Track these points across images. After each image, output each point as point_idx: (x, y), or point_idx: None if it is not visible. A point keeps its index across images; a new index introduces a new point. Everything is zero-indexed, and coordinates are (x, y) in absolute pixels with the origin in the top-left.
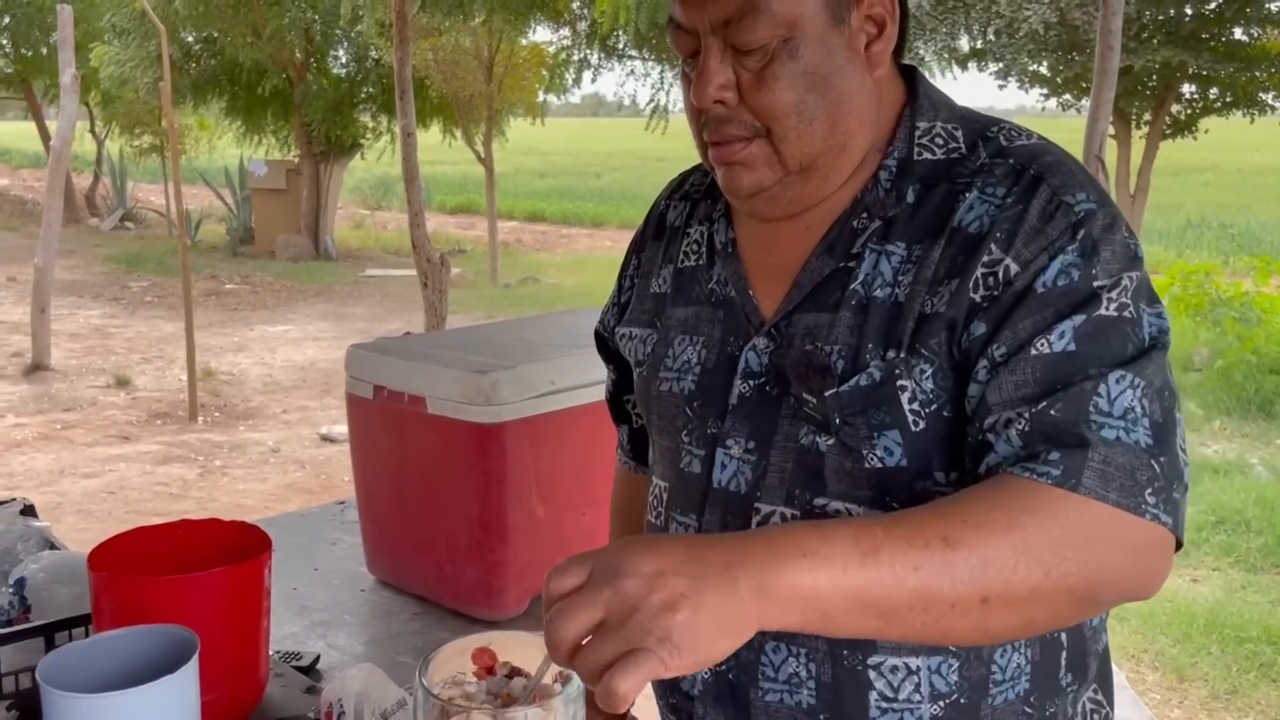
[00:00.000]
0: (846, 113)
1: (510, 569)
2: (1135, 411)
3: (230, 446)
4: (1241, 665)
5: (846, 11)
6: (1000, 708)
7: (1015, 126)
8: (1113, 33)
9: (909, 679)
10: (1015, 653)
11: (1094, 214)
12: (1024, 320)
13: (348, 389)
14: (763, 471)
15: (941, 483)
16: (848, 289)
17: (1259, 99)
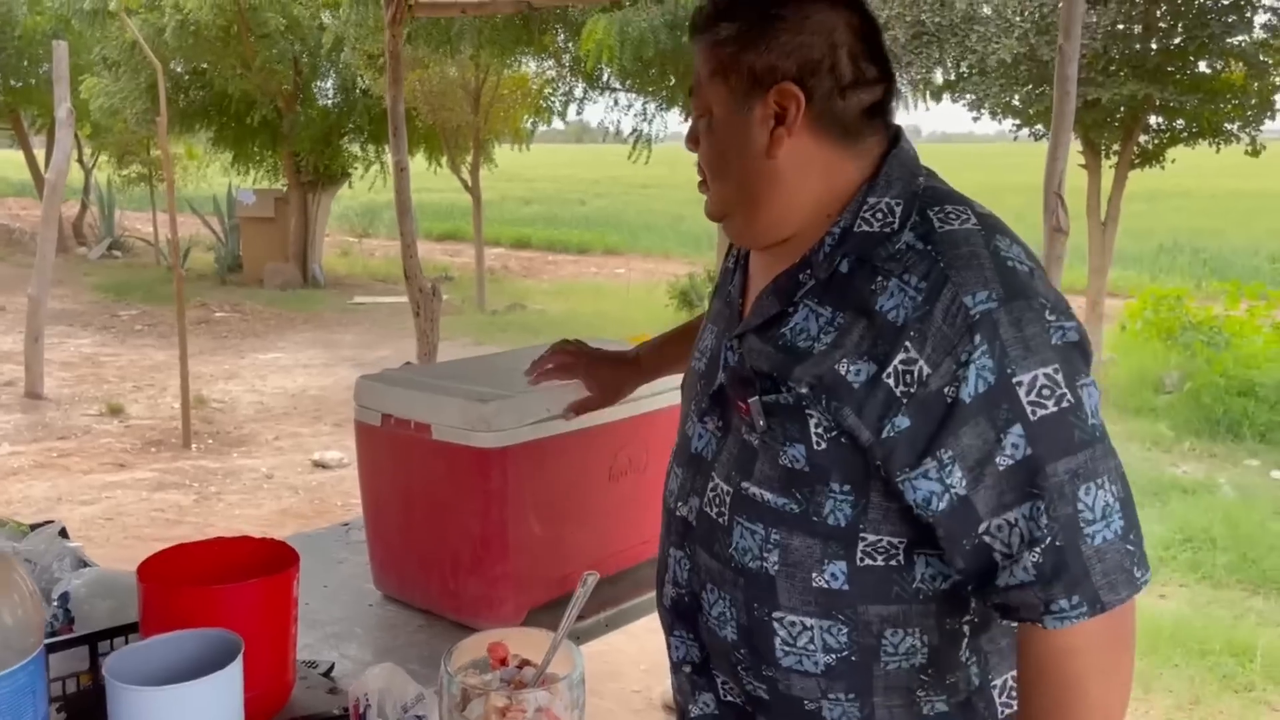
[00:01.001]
0: (749, 183)
1: (510, 582)
2: (1111, 505)
3: (224, 473)
4: (1204, 677)
5: (747, 103)
6: (894, 672)
7: (957, 209)
8: (1069, 78)
9: (805, 633)
10: (909, 636)
11: (992, 313)
12: (963, 431)
13: (356, 417)
14: (720, 449)
15: (836, 491)
16: (780, 331)
17: (1223, 129)
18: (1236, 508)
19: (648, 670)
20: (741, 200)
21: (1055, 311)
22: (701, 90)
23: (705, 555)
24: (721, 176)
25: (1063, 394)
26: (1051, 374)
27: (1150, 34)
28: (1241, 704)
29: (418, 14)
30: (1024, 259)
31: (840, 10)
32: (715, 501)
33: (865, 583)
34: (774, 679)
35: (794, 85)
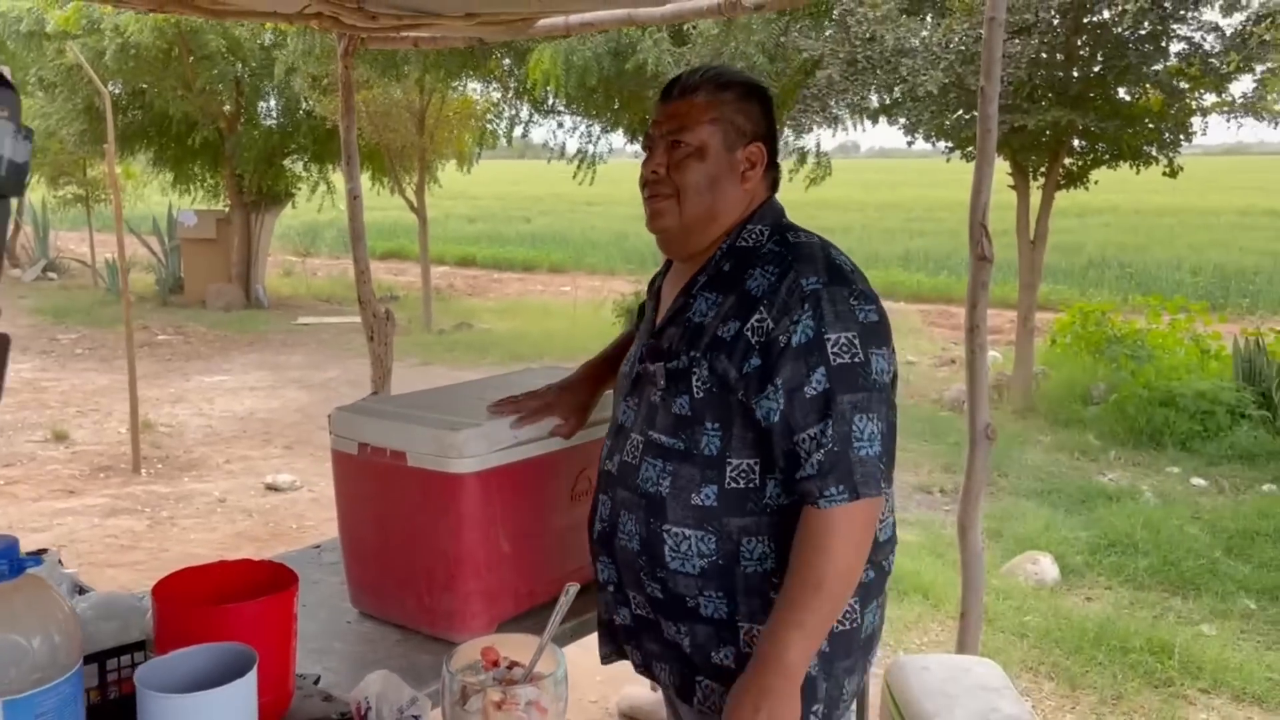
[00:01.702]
0: (721, 202)
1: (481, 598)
2: (874, 434)
3: (176, 497)
4: (1127, 674)
5: (734, 149)
6: (751, 575)
7: (806, 232)
8: (990, 116)
9: (685, 541)
10: (760, 544)
11: (819, 291)
12: (788, 368)
13: (333, 446)
14: (636, 416)
15: (709, 428)
16: (686, 316)
17: (1142, 151)
18: (1158, 513)
19: (604, 681)
20: (707, 215)
21: (862, 299)
22: (697, 128)
23: (622, 491)
24: (700, 193)
25: (856, 353)
26: (851, 338)
27: (1072, 63)
28: (1161, 699)
29: (371, 47)
30: (849, 264)
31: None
32: (631, 450)
33: (730, 501)
34: (665, 580)
35: (762, 144)
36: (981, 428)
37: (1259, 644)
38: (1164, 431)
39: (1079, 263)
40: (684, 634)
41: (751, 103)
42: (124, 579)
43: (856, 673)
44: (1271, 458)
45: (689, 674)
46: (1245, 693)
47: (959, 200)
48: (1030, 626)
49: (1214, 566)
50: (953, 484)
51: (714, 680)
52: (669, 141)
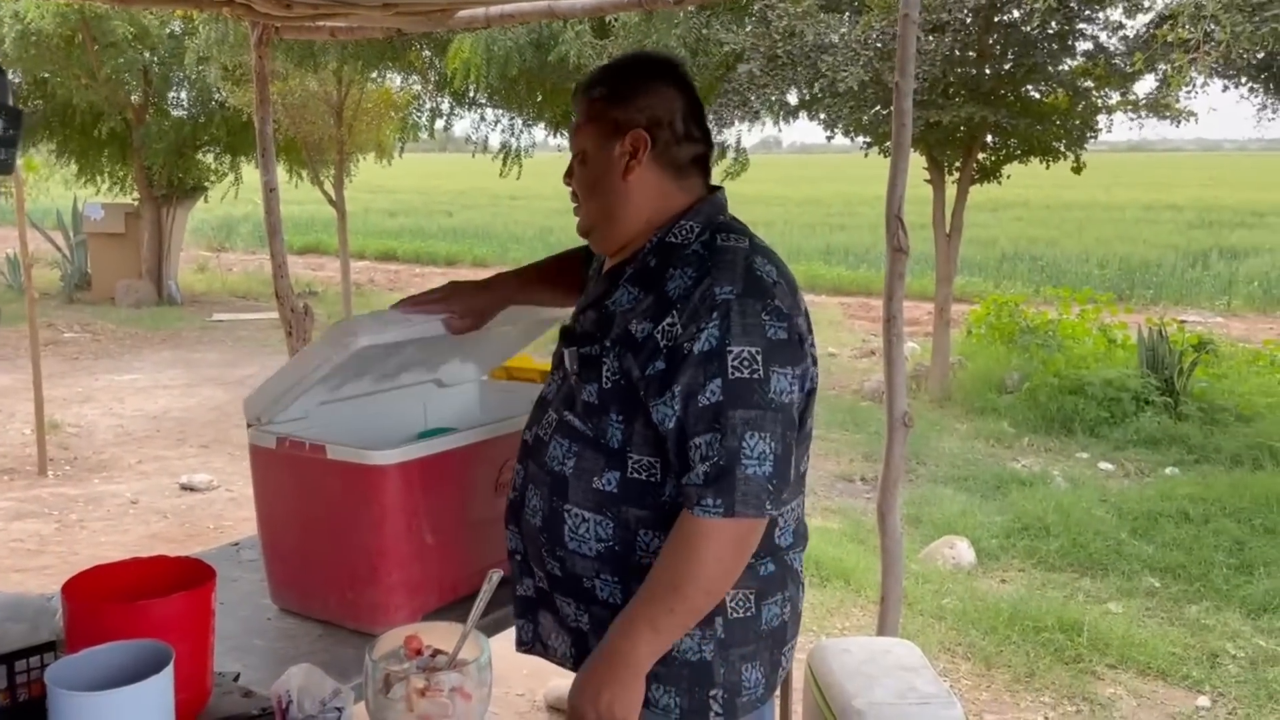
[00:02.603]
0: (613, 202)
1: (404, 591)
2: (766, 454)
3: (86, 500)
4: (1039, 652)
5: (609, 144)
6: (646, 566)
7: (738, 235)
8: (905, 111)
9: (584, 523)
10: (656, 539)
11: (731, 301)
12: (687, 375)
13: (251, 440)
14: (558, 392)
15: (614, 419)
16: (605, 304)
17: (1051, 147)
18: (1068, 497)
19: (530, 674)
20: (603, 215)
21: (775, 315)
22: (579, 133)
23: (534, 466)
24: (590, 197)
25: (756, 369)
26: (754, 353)
27: (984, 60)
28: (1071, 674)
29: (285, 36)
30: (773, 275)
31: (678, 90)
32: (546, 426)
33: (630, 490)
34: (563, 559)
35: (644, 132)
36: (899, 415)
37: (1162, 620)
38: (1074, 418)
39: (993, 256)
40: (581, 613)
41: (630, 93)
42: (31, 584)
43: (760, 663)
44: (1173, 442)
45: (585, 652)
46: (1150, 667)
47: (878, 195)
48: (948, 609)
49: (1120, 547)
50: (873, 472)
51: None
52: (572, 150)
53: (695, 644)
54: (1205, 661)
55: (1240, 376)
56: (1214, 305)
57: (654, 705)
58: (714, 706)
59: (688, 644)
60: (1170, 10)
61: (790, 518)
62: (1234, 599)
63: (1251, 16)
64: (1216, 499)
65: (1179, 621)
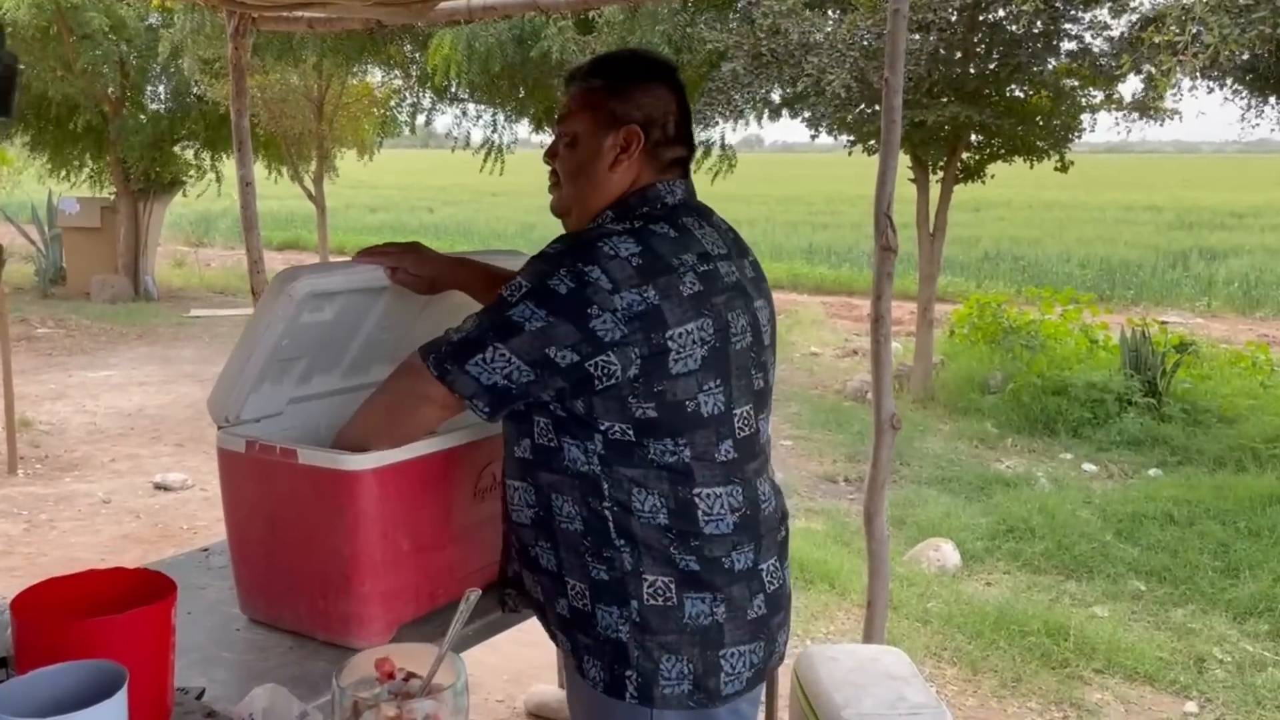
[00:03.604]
0: (591, 190)
1: (379, 601)
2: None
3: (57, 499)
4: (1025, 657)
5: (605, 134)
6: (566, 531)
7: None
8: (894, 109)
9: (515, 491)
10: (567, 503)
11: (535, 263)
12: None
13: (219, 443)
14: None
15: None
16: None
17: (1035, 146)
18: (1052, 499)
19: (510, 680)
20: (579, 200)
21: (571, 272)
22: (571, 118)
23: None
24: (571, 182)
25: (513, 293)
26: (521, 284)
27: (968, 59)
28: (1058, 680)
29: (263, 28)
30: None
31: (672, 93)
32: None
33: (539, 455)
34: (514, 530)
35: (639, 129)
36: (886, 417)
37: (1148, 624)
38: (1057, 419)
39: (975, 255)
40: (535, 584)
41: (629, 89)
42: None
43: (687, 660)
44: (1156, 443)
45: (546, 623)
46: (1137, 672)
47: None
48: (933, 613)
49: (1105, 549)
50: (856, 473)
51: (560, 631)
52: (559, 131)
53: (614, 622)
54: (1192, 666)
55: (1223, 378)
56: (1194, 306)
57: (585, 675)
58: (629, 688)
59: (607, 620)
60: (1156, 11)
61: (719, 504)
62: (1220, 602)
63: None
64: (1200, 501)
65: (1165, 625)
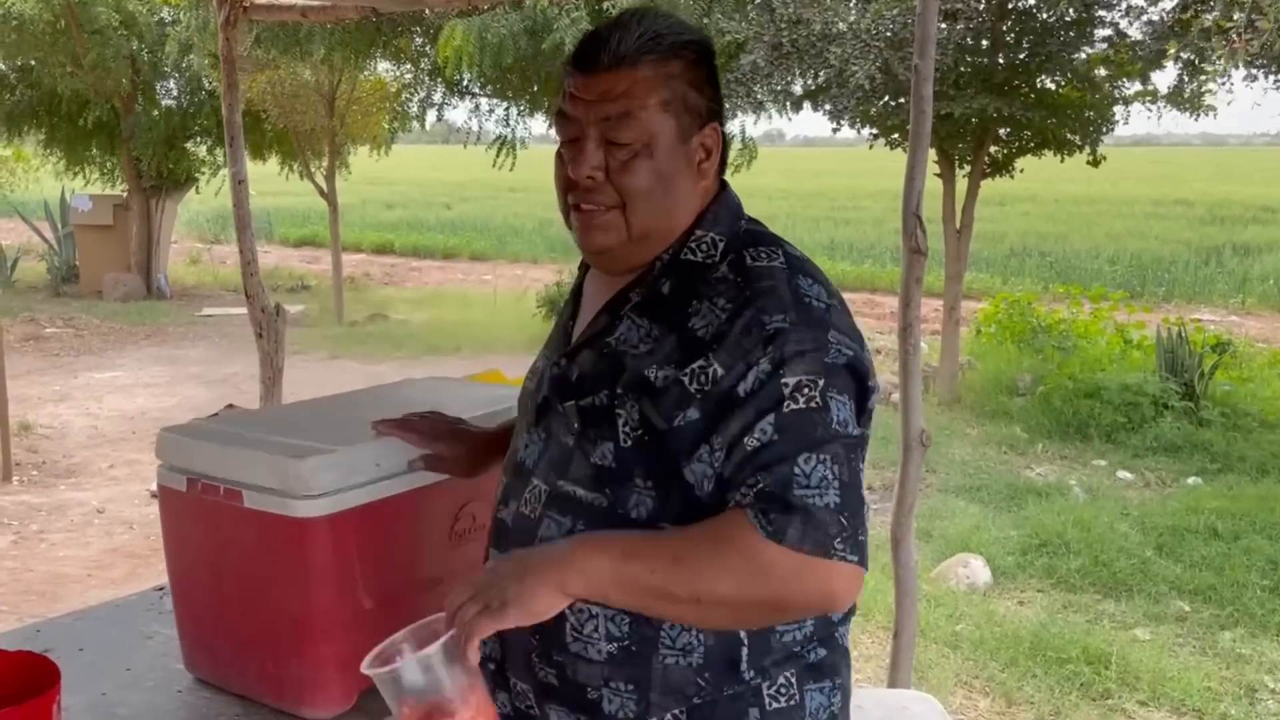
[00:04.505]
0: (677, 205)
1: (336, 665)
2: (827, 479)
3: (49, 509)
4: (1064, 687)
5: (689, 136)
6: (671, 668)
7: (770, 249)
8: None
9: (591, 620)
10: (685, 631)
11: (784, 330)
12: (733, 418)
13: (159, 479)
14: (542, 455)
15: (640, 486)
16: (606, 340)
17: (1066, 140)
18: (1087, 510)
19: None
20: (660, 225)
21: (837, 338)
22: (641, 115)
23: (517, 551)
24: (654, 203)
25: (814, 397)
26: (813, 380)
27: (998, 49)
28: (1100, 712)
29: (253, 17)
30: (823, 297)
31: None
32: (530, 500)
33: None
34: (563, 664)
35: (718, 124)
36: (915, 434)
37: (1194, 650)
38: (1089, 423)
39: (1000, 251)
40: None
41: (702, 69)
42: None
43: None
44: (1195, 449)
45: None
46: (1184, 704)
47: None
48: (963, 636)
49: (1145, 566)
50: (880, 481)
51: None
52: (602, 130)
53: None
54: (1244, 697)
55: (1263, 380)
56: (1228, 303)
57: None
58: None
59: None
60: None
61: None
62: (1270, 625)
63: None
64: (1245, 513)
65: (1212, 651)
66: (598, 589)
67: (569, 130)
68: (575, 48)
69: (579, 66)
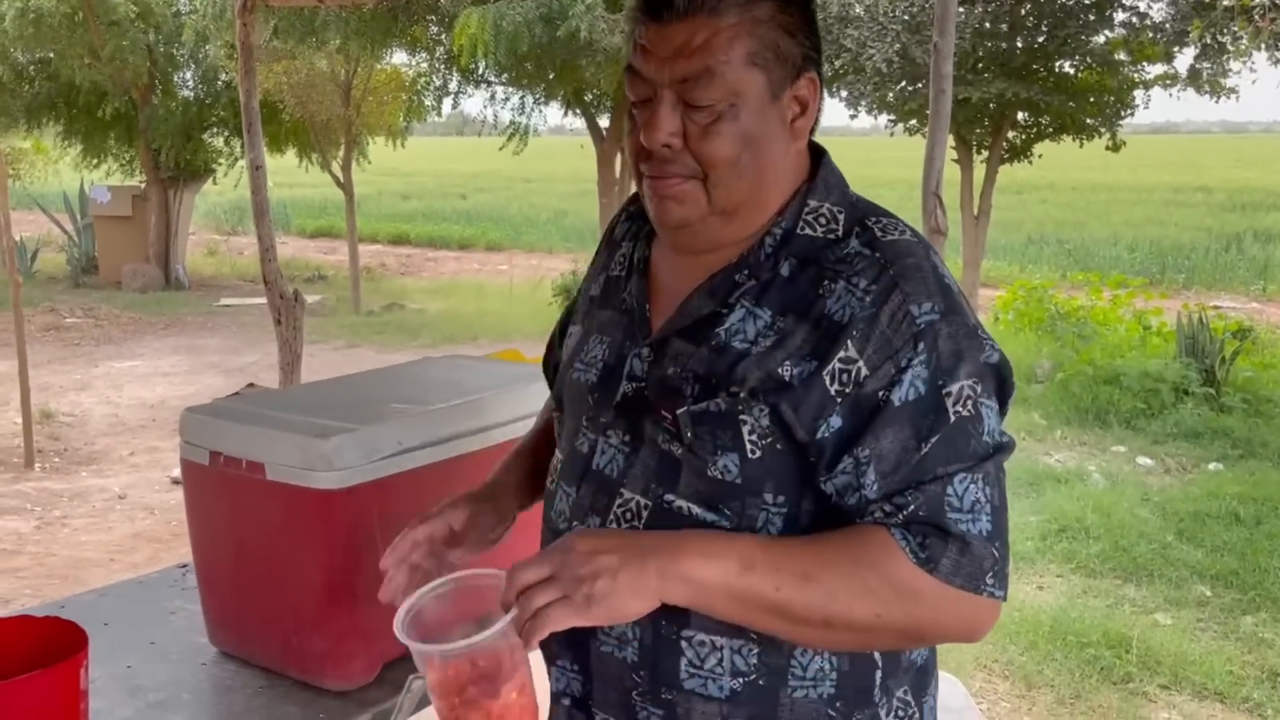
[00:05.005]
0: (770, 172)
1: (358, 636)
2: (979, 503)
3: (71, 495)
4: (1084, 670)
5: (782, 91)
6: (800, 701)
7: (893, 220)
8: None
9: (714, 653)
10: (818, 656)
11: (935, 324)
12: (886, 432)
13: (183, 454)
14: (632, 463)
15: (768, 503)
16: (714, 331)
17: (1085, 124)
18: (1106, 495)
19: None
20: (751, 197)
21: (983, 333)
22: (721, 76)
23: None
24: (741, 172)
25: (970, 403)
26: (972, 386)
27: (1016, 33)
28: (1120, 696)
29: (271, 3)
30: (954, 280)
31: None
32: (626, 517)
33: None
34: (673, 703)
35: (816, 75)
36: None
37: (1216, 634)
38: (1109, 410)
39: (1019, 239)
40: None
41: (796, 9)
42: (2, 588)
43: None
44: (1215, 435)
45: None
46: (1207, 689)
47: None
48: None
49: (1166, 551)
50: None
51: None
52: (677, 96)
53: None
54: (1266, 681)
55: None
56: (1249, 290)
57: None
58: None
59: None
60: None
61: None
62: None
63: None
64: (1268, 498)
65: (1234, 635)
66: (704, 601)
67: (639, 90)
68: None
69: (650, 13)
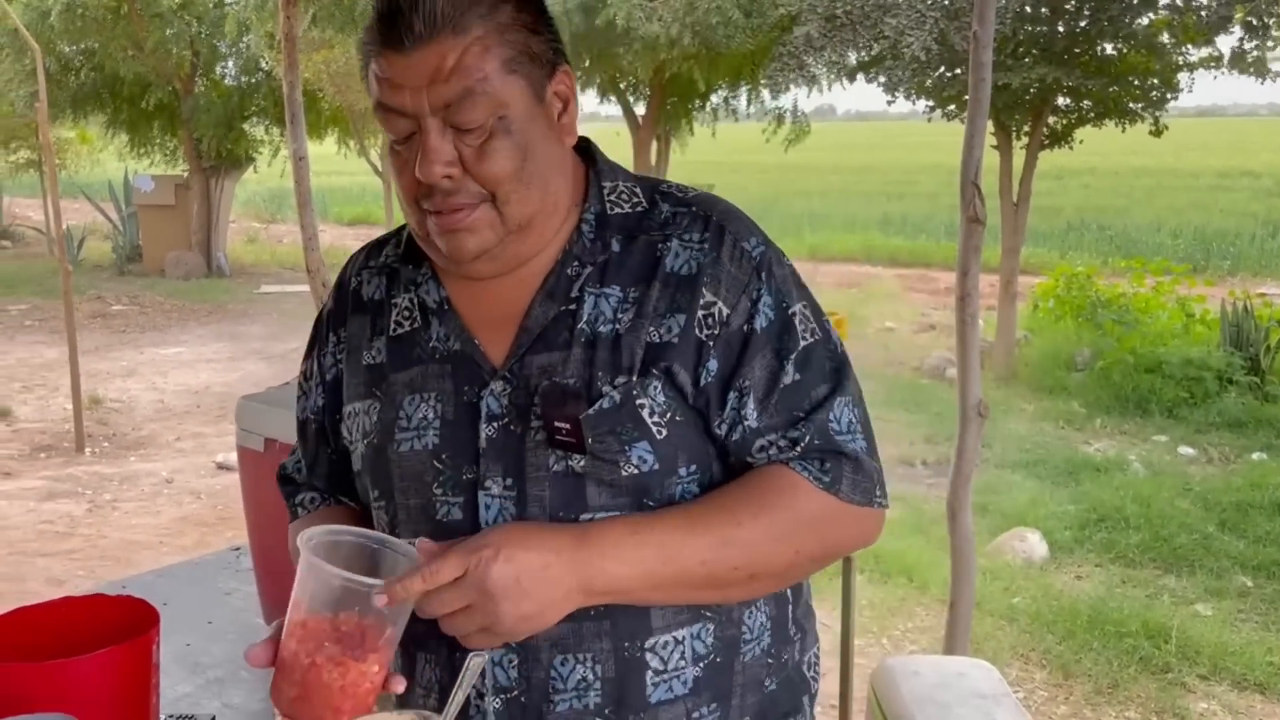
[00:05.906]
0: (553, 174)
1: None
2: (854, 423)
3: (120, 479)
4: (1122, 660)
5: (543, 91)
6: (749, 663)
7: (679, 183)
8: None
9: (676, 649)
10: (759, 612)
11: (765, 254)
12: (755, 360)
13: (238, 441)
14: (524, 503)
15: (684, 476)
16: (574, 329)
17: (1128, 109)
18: (1147, 485)
19: None
20: (544, 202)
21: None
22: (483, 93)
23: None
24: (528, 183)
25: (813, 327)
26: (804, 308)
27: (1057, 17)
28: (1159, 686)
29: None
30: None
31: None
32: None
33: None
34: (650, 710)
35: (568, 65)
36: (973, 404)
37: (1257, 625)
38: (1150, 399)
39: (1058, 225)
40: None
41: (530, 7)
42: (56, 569)
43: None
44: (1260, 425)
45: None
46: (1247, 680)
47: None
48: (1019, 609)
49: (1207, 542)
50: (935, 456)
51: None
52: (443, 123)
53: None
54: None
55: None
56: None
57: None
58: None
59: None
60: None
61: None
62: None
63: None
64: None
65: (1276, 626)
66: (630, 598)
67: (399, 126)
68: (374, 19)
69: (389, 44)
